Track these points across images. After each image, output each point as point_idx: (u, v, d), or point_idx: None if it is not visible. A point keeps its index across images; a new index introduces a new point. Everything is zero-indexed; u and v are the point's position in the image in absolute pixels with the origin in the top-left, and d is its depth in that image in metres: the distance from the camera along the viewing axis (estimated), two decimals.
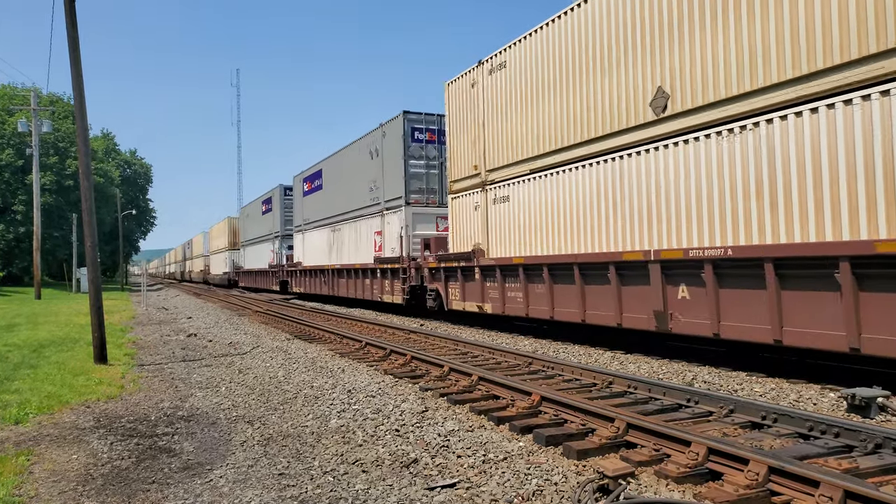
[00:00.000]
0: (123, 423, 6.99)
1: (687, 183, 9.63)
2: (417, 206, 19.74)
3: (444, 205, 18.93)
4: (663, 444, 5.26)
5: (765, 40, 8.48)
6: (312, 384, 8.90)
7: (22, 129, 38.89)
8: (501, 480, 4.85)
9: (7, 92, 49.94)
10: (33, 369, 10.37)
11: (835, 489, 4.00)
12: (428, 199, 19.90)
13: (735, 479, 4.49)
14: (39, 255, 35.82)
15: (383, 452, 5.66)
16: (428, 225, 19.84)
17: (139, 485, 5.06)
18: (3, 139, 46.93)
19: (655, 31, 10.24)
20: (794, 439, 5.51)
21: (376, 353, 11.59)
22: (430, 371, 9.44)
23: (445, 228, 18.61)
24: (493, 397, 7.61)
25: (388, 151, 20.79)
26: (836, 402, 7.16)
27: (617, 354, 11.04)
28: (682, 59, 9.75)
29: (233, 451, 5.87)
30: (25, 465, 5.57)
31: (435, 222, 19.93)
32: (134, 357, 12.08)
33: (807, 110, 7.95)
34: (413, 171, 19.84)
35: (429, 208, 19.90)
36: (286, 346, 13.10)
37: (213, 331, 17.00)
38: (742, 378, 8.68)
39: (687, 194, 9.65)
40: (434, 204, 19.93)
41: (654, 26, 10.27)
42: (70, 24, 11.07)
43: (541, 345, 12.59)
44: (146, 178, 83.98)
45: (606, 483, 4.51)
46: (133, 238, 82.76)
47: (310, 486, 4.89)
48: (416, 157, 19.85)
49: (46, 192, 44.52)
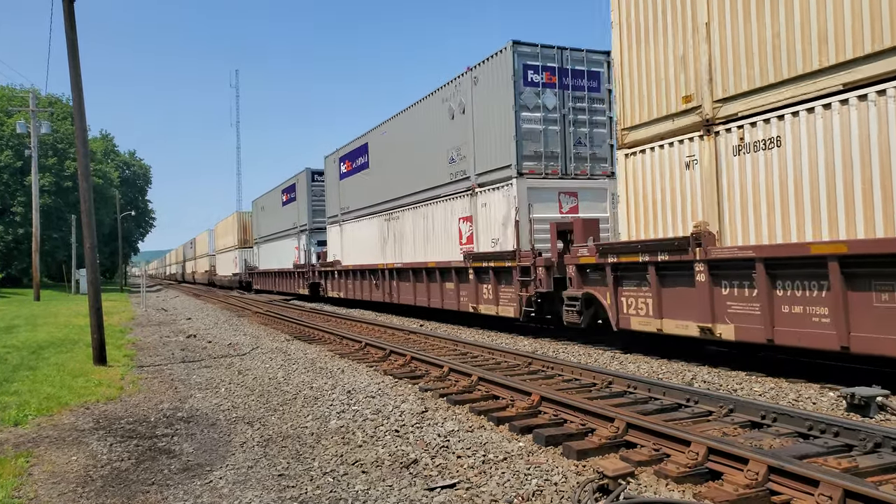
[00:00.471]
0: (123, 425, 6.99)
1: None
2: (534, 178, 14.02)
3: (570, 175, 14.40)
4: (663, 443, 5.26)
5: None
6: (312, 385, 8.90)
7: (21, 131, 38.86)
8: (501, 481, 4.85)
9: (6, 93, 49.92)
10: (32, 371, 10.36)
11: (834, 488, 4.00)
12: (548, 169, 14.21)
13: (735, 479, 4.49)
14: (38, 257, 35.80)
15: (383, 453, 5.66)
16: (548, 204, 14.04)
17: (139, 486, 5.05)
18: (2, 140, 46.91)
19: None
20: (793, 439, 5.51)
21: (376, 353, 11.59)
22: (429, 371, 9.44)
23: (572, 209, 14.20)
24: (492, 397, 7.61)
25: (485, 103, 15.01)
26: (836, 402, 7.16)
27: (616, 354, 11.04)
28: None
29: (232, 452, 5.87)
30: (25, 466, 5.57)
31: (557, 200, 14.22)
32: (133, 358, 12.07)
33: None
34: (527, 126, 14.00)
35: (549, 180, 14.19)
36: (286, 347, 13.10)
37: (213, 332, 16.99)
38: (741, 378, 8.68)
39: None
40: (556, 174, 14.28)
41: None
42: (69, 26, 11.07)
43: (540, 345, 12.59)
44: (145, 180, 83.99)
45: (606, 483, 4.51)
46: (132, 239, 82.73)
47: (309, 486, 4.89)
48: (529, 107, 14.03)
49: (45, 194, 44.50)
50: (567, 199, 14.34)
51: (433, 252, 17.85)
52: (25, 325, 18.60)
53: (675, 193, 9.98)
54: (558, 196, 14.28)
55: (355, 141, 24.23)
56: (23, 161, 44.64)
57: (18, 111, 43.01)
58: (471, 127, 15.63)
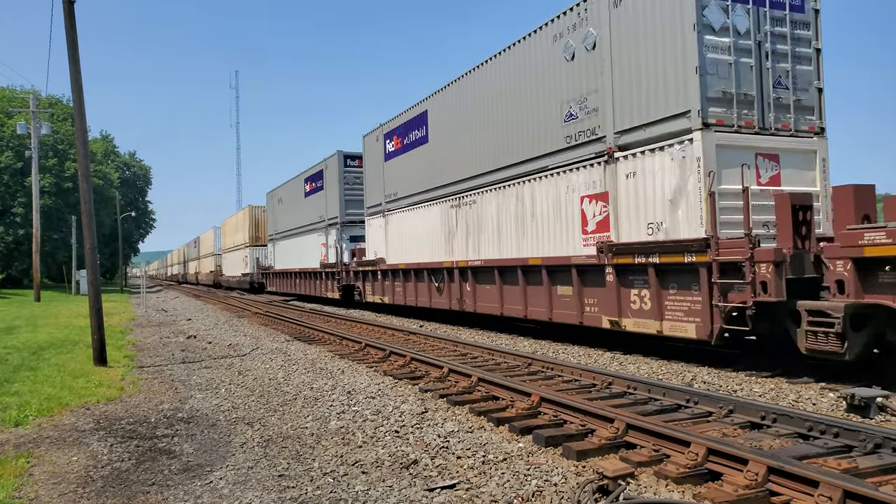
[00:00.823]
0: (123, 425, 7.00)
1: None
2: (724, 132, 9.64)
3: (769, 129, 9.98)
4: (663, 444, 5.27)
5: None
6: (312, 386, 8.90)
7: (21, 132, 38.90)
8: (501, 481, 4.85)
9: (6, 94, 50.00)
10: (33, 371, 10.37)
11: (834, 489, 4.00)
12: (740, 119, 9.78)
13: (734, 480, 4.50)
14: (39, 258, 35.81)
15: (383, 453, 5.67)
16: (736, 173, 9.24)
17: (139, 486, 5.06)
18: (3, 141, 46.96)
19: None
20: (793, 439, 5.51)
21: (376, 354, 11.59)
22: (429, 372, 9.45)
23: (773, 179, 9.97)
24: (492, 398, 7.61)
25: (638, 28, 10.62)
26: (836, 403, 7.16)
27: (616, 355, 11.04)
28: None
29: (233, 453, 5.88)
30: (25, 467, 5.57)
31: (754, 164, 9.85)
32: (133, 359, 12.08)
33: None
34: (712, 56, 9.70)
35: (743, 135, 9.80)
36: (286, 348, 13.10)
37: (213, 332, 17.00)
38: (741, 378, 8.68)
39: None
40: (750, 128, 9.87)
41: None
42: (69, 26, 11.08)
43: (540, 346, 12.59)
44: (145, 180, 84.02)
45: (606, 484, 4.52)
46: (132, 240, 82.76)
47: (310, 487, 4.90)
48: (715, 28, 9.74)
49: (46, 195, 44.52)
50: (766, 164, 9.98)
51: (534, 245, 13.25)
52: (26, 326, 18.61)
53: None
54: (755, 159, 9.87)
55: (407, 112, 19.56)
56: (23, 162, 44.68)
57: (19, 112, 43.09)
58: (608, 66, 11.23)
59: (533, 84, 13.37)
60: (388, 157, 21.16)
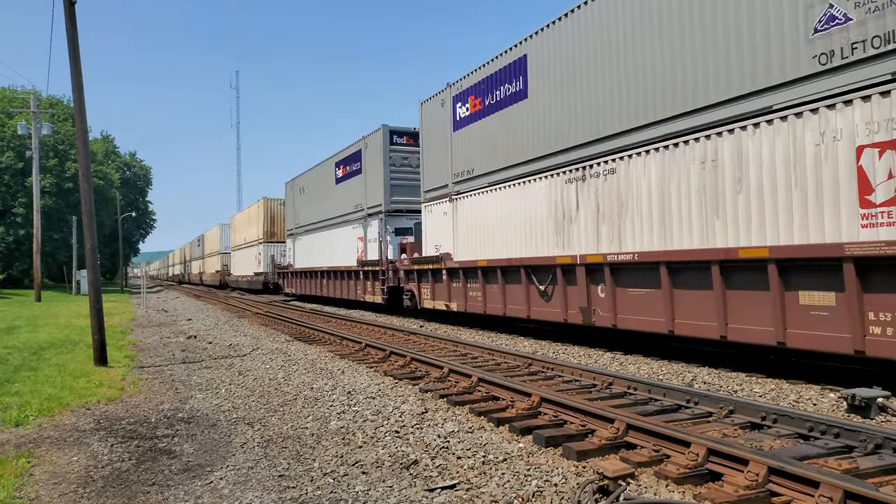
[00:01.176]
0: (124, 425, 7.00)
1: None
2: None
3: None
4: (663, 444, 5.26)
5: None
6: (312, 386, 8.90)
7: (22, 132, 38.88)
8: (501, 481, 4.85)
9: (7, 94, 49.99)
10: (34, 371, 10.37)
11: (835, 490, 4.00)
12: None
13: (735, 480, 4.49)
14: (39, 258, 35.82)
15: (383, 454, 5.67)
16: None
17: (139, 486, 5.06)
18: (3, 142, 46.98)
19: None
20: (793, 440, 5.51)
21: (376, 354, 11.59)
22: (429, 372, 9.45)
23: None
24: (492, 398, 7.61)
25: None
26: (836, 403, 7.16)
27: (617, 355, 11.04)
28: None
29: (233, 453, 5.88)
30: (26, 467, 5.57)
31: None
32: (134, 359, 12.08)
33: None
34: None
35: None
36: (286, 348, 13.10)
37: (213, 333, 17.00)
38: (742, 379, 8.68)
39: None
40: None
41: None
42: (70, 26, 11.09)
43: (540, 346, 12.59)
44: (146, 181, 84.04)
45: (606, 484, 4.52)
46: (133, 240, 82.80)
47: (310, 487, 4.90)
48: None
49: (46, 195, 44.53)
50: None
51: (743, 230, 8.79)
52: (26, 326, 18.62)
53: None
54: None
55: (491, 63, 15.25)
56: (24, 162, 44.69)
57: (20, 112, 43.11)
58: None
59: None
60: (460, 125, 16.72)
